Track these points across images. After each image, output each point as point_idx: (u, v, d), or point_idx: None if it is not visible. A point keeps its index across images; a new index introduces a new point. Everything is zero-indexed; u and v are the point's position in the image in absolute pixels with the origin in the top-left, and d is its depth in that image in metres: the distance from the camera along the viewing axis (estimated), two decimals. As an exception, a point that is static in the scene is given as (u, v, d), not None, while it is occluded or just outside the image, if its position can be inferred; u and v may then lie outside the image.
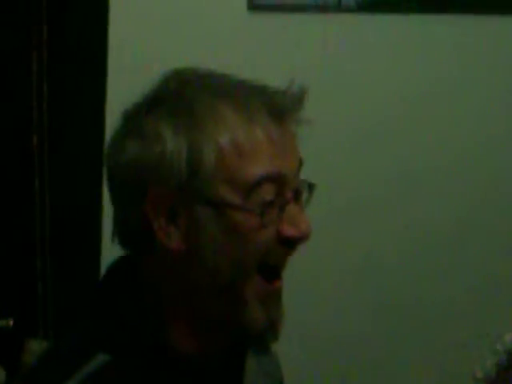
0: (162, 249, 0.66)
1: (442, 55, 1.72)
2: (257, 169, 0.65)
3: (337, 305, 1.72)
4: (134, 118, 0.68)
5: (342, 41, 1.65)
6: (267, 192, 0.65)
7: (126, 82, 1.37)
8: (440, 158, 1.76)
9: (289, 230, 0.67)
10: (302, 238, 0.68)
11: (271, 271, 0.68)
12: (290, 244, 0.68)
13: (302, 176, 0.70)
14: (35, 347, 1.36)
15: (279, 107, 0.67)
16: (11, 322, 1.52)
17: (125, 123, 0.69)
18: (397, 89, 1.70)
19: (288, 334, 0.72)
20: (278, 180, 0.66)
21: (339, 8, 1.62)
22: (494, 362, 0.82)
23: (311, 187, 0.72)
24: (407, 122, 1.74)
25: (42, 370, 0.72)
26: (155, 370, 0.67)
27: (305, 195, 0.71)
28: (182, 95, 0.67)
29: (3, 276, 1.56)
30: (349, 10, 1.62)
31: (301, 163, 0.70)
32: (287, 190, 0.67)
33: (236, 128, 0.65)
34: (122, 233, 0.71)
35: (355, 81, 1.68)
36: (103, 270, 0.77)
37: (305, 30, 1.61)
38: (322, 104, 1.36)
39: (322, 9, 1.61)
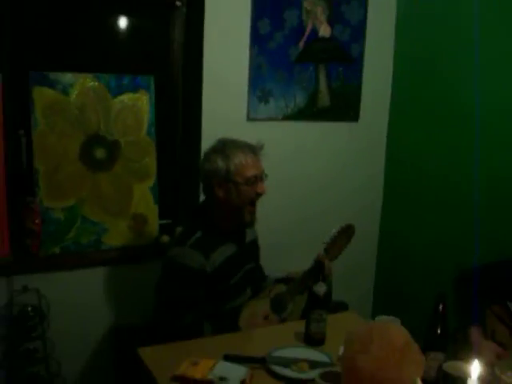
0: (217, 196, 2.28)
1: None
2: (249, 172, 2.27)
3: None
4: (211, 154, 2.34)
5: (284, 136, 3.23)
6: (252, 179, 2.27)
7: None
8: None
9: (258, 190, 2.29)
10: (262, 193, 2.31)
11: (252, 203, 2.31)
12: (259, 195, 2.31)
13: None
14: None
15: (255, 148, 2.32)
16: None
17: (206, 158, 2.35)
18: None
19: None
20: (256, 175, 2.28)
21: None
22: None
23: (266, 175, 2.31)
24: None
25: (174, 242, 2.40)
26: (215, 235, 2.29)
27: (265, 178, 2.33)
28: (222, 147, 2.30)
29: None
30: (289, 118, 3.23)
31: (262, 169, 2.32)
32: (258, 177, 2.27)
33: (240, 157, 2.27)
34: (205, 191, 2.38)
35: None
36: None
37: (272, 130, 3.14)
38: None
39: (283, 118, 3.21)
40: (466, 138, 3.03)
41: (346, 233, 2.40)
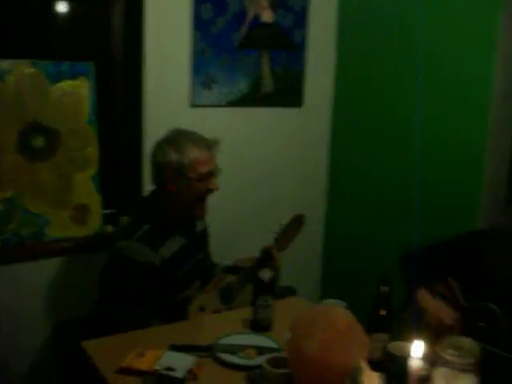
0: (167, 189, 2.23)
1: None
2: (203, 169, 2.23)
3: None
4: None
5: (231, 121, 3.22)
6: (205, 176, 2.23)
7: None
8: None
9: (210, 186, 2.26)
10: (215, 190, 2.28)
11: (203, 198, 2.28)
12: (211, 191, 2.28)
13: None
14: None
15: (210, 144, 2.27)
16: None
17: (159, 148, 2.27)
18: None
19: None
20: (209, 172, 2.24)
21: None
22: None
23: (220, 170, 2.30)
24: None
25: (121, 234, 2.33)
26: (164, 228, 2.24)
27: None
28: (176, 139, 2.24)
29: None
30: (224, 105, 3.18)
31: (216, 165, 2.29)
32: (212, 174, 2.25)
33: (195, 153, 2.21)
34: (155, 182, 2.29)
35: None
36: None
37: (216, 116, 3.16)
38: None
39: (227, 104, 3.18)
40: (409, 123, 3.07)
41: (297, 223, 2.39)
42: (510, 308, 1.90)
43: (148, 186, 2.57)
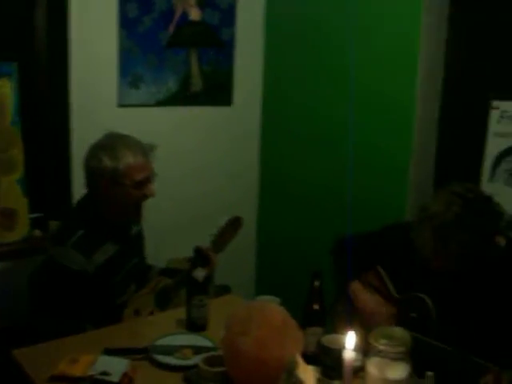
0: (102, 195, 2.17)
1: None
2: (138, 176, 2.16)
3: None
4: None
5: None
6: (141, 182, 2.17)
7: None
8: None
9: (146, 192, 2.20)
10: (151, 196, 2.22)
11: (139, 204, 2.24)
12: (147, 197, 2.21)
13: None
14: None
15: (145, 150, 2.20)
16: None
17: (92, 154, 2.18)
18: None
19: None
20: (145, 178, 2.19)
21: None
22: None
23: (156, 175, 2.23)
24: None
25: (53, 239, 2.22)
26: (99, 233, 2.18)
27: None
28: (111, 145, 2.15)
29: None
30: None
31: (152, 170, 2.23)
32: (148, 180, 2.20)
33: (130, 159, 2.14)
34: (88, 187, 2.22)
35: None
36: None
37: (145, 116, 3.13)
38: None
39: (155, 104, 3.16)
40: (338, 122, 3.14)
41: (234, 225, 2.37)
42: (438, 295, 1.97)
43: (78, 189, 2.51)
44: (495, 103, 2.58)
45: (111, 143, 2.17)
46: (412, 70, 2.75)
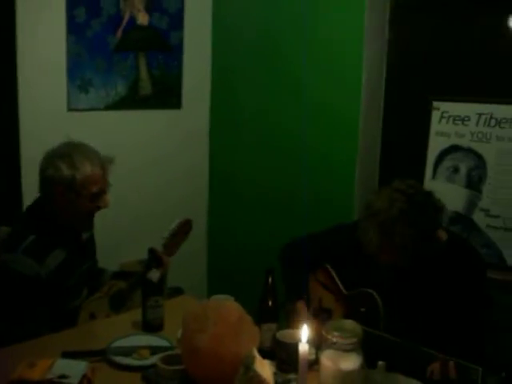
0: (56, 202, 2.15)
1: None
2: (94, 187, 2.15)
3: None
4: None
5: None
6: (96, 194, 2.15)
7: None
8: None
9: (100, 204, 2.20)
10: (104, 207, 2.22)
11: (92, 214, 2.23)
12: (100, 208, 2.21)
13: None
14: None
15: (103, 162, 2.19)
16: None
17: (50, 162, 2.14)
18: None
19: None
20: (101, 190, 2.17)
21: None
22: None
23: (111, 185, 2.22)
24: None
25: (4, 245, 2.12)
26: (50, 238, 2.15)
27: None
28: (69, 154, 2.12)
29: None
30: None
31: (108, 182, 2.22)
32: (103, 191, 2.18)
33: (87, 170, 2.12)
34: (42, 193, 2.18)
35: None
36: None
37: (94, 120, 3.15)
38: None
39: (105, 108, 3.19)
40: (288, 120, 3.21)
41: (184, 228, 2.39)
42: (385, 290, 2.05)
43: (28, 195, 2.49)
44: (436, 104, 2.70)
45: (69, 152, 2.15)
46: (356, 73, 2.85)
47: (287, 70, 3.16)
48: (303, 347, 1.51)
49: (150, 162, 3.40)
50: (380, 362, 1.70)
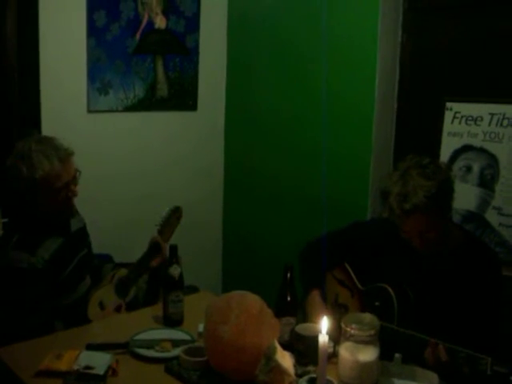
0: (25, 196, 2.18)
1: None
2: (57, 183, 2.17)
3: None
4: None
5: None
6: (59, 188, 2.17)
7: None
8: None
9: (69, 194, 2.22)
10: (73, 196, 2.27)
11: (67, 204, 2.26)
12: (70, 198, 2.25)
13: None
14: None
15: (62, 156, 2.17)
16: None
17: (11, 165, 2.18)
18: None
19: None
20: (65, 183, 2.19)
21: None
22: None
23: (80, 172, 2.26)
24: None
25: None
26: (37, 231, 2.20)
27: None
28: (28, 154, 2.14)
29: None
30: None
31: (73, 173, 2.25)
32: (69, 183, 2.20)
33: (46, 168, 2.13)
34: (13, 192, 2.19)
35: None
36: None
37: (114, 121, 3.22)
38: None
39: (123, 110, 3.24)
40: (304, 120, 3.25)
41: (175, 214, 2.50)
42: (400, 285, 2.09)
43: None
44: (449, 105, 2.74)
45: (28, 152, 2.16)
46: (370, 74, 2.89)
47: (302, 71, 3.22)
48: (323, 338, 1.55)
49: (167, 163, 3.46)
50: (396, 355, 1.75)
